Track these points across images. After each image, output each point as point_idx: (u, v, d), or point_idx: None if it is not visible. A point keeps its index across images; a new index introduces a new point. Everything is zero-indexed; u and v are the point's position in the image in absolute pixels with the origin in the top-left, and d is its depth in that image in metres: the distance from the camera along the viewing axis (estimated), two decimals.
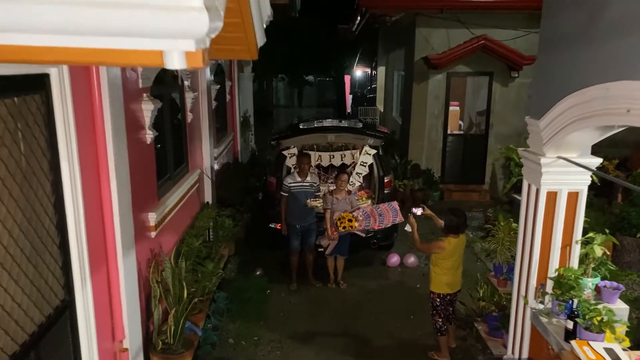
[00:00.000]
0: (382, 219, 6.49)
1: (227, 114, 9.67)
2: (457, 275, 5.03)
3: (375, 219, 6.49)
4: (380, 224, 6.47)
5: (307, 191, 6.54)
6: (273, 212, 7.13)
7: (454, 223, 4.86)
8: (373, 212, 6.54)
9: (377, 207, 6.57)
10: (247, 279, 6.71)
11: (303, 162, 6.42)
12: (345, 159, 7.37)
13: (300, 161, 6.45)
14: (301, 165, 6.45)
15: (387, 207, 6.57)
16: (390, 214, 6.51)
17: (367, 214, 6.56)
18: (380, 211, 6.54)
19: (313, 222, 6.66)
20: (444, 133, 10.82)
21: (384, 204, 6.57)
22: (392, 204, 6.57)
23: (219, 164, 8.38)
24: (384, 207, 6.57)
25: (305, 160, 6.42)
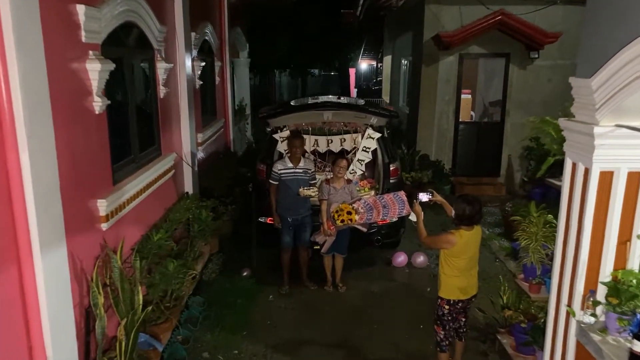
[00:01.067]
0: (387, 212, 5.58)
1: (217, 97, 8.79)
2: (471, 277, 4.12)
3: (379, 211, 5.59)
4: (385, 216, 5.57)
5: (300, 179, 5.66)
6: (262, 204, 6.25)
7: (466, 212, 3.95)
8: (376, 204, 5.64)
9: (380, 197, 5.67)
10: (231, 280, 5.83)
11: (295, 145, 5.52)
12: (345, 143, 6.46)
13: (291, 144, 5.54)
14: (293, 148, 5.55)
15: (393, 197, 5.66)
16: (396, 205, 5.60)
17: (370, 205, 5.66)
18: (384, 202, 5.64)
19: (307, 214, 5.78)
20: (456, 121, 9.89)
21: (388, 195, 5.67)
22: (398, 194, 5.66)
23: (204, 152, 7.51)
24: (388, 198, 5.66)
25: (298, 142, 5.52)
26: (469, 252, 4.02)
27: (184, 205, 5.59)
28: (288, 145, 5.60)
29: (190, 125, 6.28)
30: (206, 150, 7.67)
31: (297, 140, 5.56)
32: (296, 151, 5.55)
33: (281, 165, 5.61)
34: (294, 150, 5.55)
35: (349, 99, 5.26)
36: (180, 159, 6.05)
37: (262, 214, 6.23)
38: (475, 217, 3.98)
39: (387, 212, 5.59)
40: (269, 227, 6.16)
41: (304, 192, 5.46)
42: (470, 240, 4.01)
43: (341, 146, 6.46)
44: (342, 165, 5.57)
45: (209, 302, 5.27)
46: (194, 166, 6.41)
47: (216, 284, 5.65)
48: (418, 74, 10.08)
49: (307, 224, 5.81)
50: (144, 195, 4.69)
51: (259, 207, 6.33)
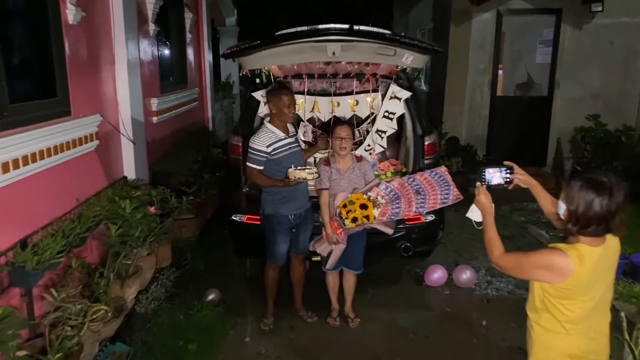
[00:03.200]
0: (423, 201, 3.59)
1: (188, 60, 6.79)
2: (598, 337, 2.13)
3: (410, 200, 3.60)
4: (420, 208, 3.57)
5: (297, 152, 3.73)
6: (237, 196, 4.28)
7: (595, 209, 1.93)
8: (405, 190, 3.66)
9: (410, 179, 3.69)
10: (186, 309, 3.84)
11: (284, 103, 3.53)
12: (359, 108, 4.44)
13: (278, 101, 3.54)
14: (281, 108, 3.57)
15: (430, 177, 3.68)
16: (436, 189, 3.62)
17: (395, 193, 3.69)
18: (417, 186, 3.66)
19: (308, 207, 3.80)
20: (492, 95, 7.89)
21: (422, 174, 3.70)
22: (437, 171, 3.69)
23: (165, 126, 5.51)
24: (423, 179, 3.69)
25: (287, 98, 3.53)
26: (596, 288, 2.03)
27: (114, 194, 3.60)
28: (273, 104, 3.58)
29: (133, 80, 4.29)
30: (168, 124, 5.68)
31: (286, 95, 3.56)
32: (284, 111, 3.55)
33: (267, 138, 3.61)
34: (285, 110, 3.56)
35: (367, 28, 3.20)
36: (114, 128, 4.06)
37: (236, 210, 4.25)
38: (612, 219, 1.97)
39: (423, 202, 3.59)
40: (247, 229, 4.19)
41: (296, 172, 3.45)
42: (600, 267, 2.02)
43: (353, 111, 4.46)
44: (342, 134, 3.59)
45: (142, 351, 3.28)
46: (139, 140, 4.43)
47: (160, 317, 3.66)
48: (444, 38, 8.07)
49: (308, 222, 3.83)
50: (21, 173, 2.71)
51: (232, 199, 4.35)
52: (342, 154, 3.68)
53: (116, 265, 3.32)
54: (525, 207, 6.71)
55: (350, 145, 3.69)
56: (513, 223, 6.22)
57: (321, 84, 4.49)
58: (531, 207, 6.72)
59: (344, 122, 3.67)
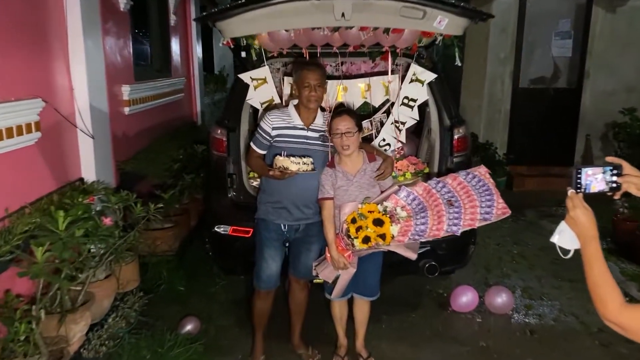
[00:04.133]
0: (458, 216, 2.76)
1: (173, 46, 5.97)
2: None
3: (440, 215, 2.77)
4: (454, 226, 2.74)
5: (313, 150, 2.89)
6: (221, 203, 3.47)
7: None
8: (433, 199, 2.83)
9: (440, 184, 2.87)
10: (155, 346, 3.01)
11: (300, 77, 2.78)
12: (372, 94, 3.61)
13: (296, 75, 2.83)
14: (297, 83, 2.82)
15: (467, 183, 2.86)
16: (475, 199, 2.78)
17: (420, 203, 2.86)
18: (450, 195, 2.83)
19: (316, 219, 2.96)
20: (514, 87, 7.08)
21: (456, 176, 2.87)
22: (476, 172, 2.87)
23: (142, 119, 4.70)
24: (458, 185, 2.86)
25: (313, 75, 2.75)
26: None
27: (59, 201, 2.79)
28: (294, 81, 2.80)
29: (93, 60, 3.48)
30: (145, 116, 4.86)
31: (307, 70, 2.76)
32: (310, 96, 2.76)
33: (277, 119, 2.85)
34: (302, 91, 2.77)
35: None
36: (64, 119, 3.24)
37: (219, 220, 3.43)
38: None
39: (457, 217, 2.76)
40: (233, 244, 3.39)
41: (279, 160, 2.64)
42: None
43: (364, 98, 3.63)
44: (342, 128, 2.77)
45: None
46: (102, 135, 3.61)
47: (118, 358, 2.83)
48: None
49: (314, 239, 2.99)
50: None
51: (215, 207, 3.54)
52: (345, 154, 2.85)
53: (53, 297, 2.49)
54: (557, 213, 5.89)
55: (356, 141, 2.85)
56: (545, 232, 5.39)
57: (325, 63, 3.67)
58: (563, 213, 5.91)
59: (343, 111, 2.85)
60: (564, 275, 4.25)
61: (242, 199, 3.44)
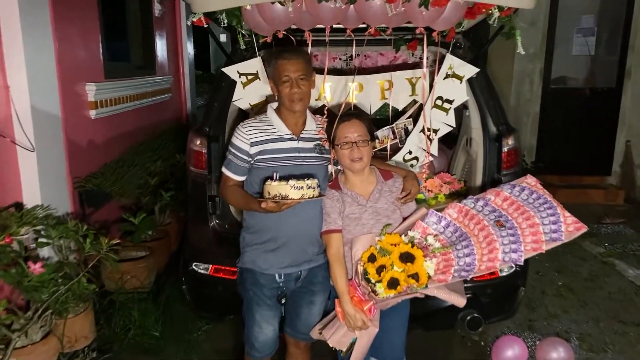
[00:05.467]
0: (516, 239, 1.96)
1: (158, 41, 5.21)
2: None
3: (490, 240, 1.98)
4: (514, 253, 1.94)
5: (306, 165, 2.11)
6: (199, 233, 2.70)
7: None
8: (474, 222, 2.05)
9: (480, 202, 2.08)
10: None
11: (276, 69, 2.04)
12: (394, 93, 2.82)
13: (272, 67, 2.07)
14: (274, 79, 2.07)
15: (515, 197, 2.10)
16: (532, 216, 1.99)
17: (457, 229, 2.08)
18: (497, 214, 2.05)
19: (320, 261, 2.17)
20: (544, 87, 6.28)
21: (500, 191, 2.09)
22: (524, 184, 2.12)
23: (110, 123, 3.93)
24: (504, 201, 2.10)
25: (282, 62, 2.02)
26: None
27: None
28: (270, 77, 2.06)
29: (34, 46, 2.71)
30: (120, 120, 4.10)
31: (284, 59, 2.02)
32: (292, 94, 2.02)
33: (254, 131, 2.09)
34: (281, 88, 2.02)
35: None
36: None
37: (198, 255, 2.66)
38: None
39: (515, 240, 1.97)
40: (214, 287, 2.63)
41: (273, 186, 1.84)
42: None
43: (384, 98, 2.84)
44: (351, 135, 2.05)
45: None
46: (51, 145, 2.84)
47: None
48: None
49: (319, 288, 2.20)
50: None
51: (193, 238, 2.77)
52: (356, 169, 2.08)
53: None
54: (600, 232, 5.10)
55: (370, 153, 2.09)
56: (589, 256, 4.60)
57: (334, 56, 2.90)
58: (609, 232, 5.12)
59: (350, 114, 2.09)
60: (626, 316, 3.46)
61: (228, 228, 2.68)
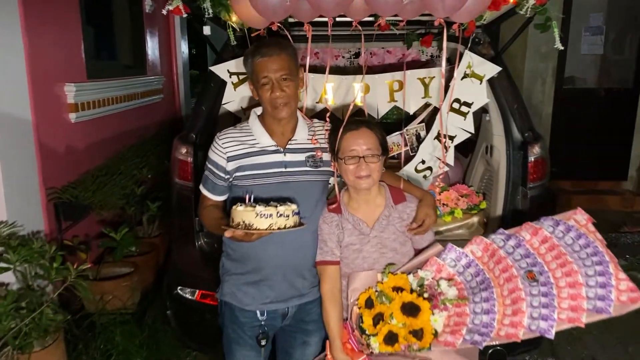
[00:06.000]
0: (549, 297, 1.64)
1: (147, 37, 4.90)
2: None
3: (516, 296, 1.66)
4: (544, 320, 1.61)
5: (295, 183, 1.78)
6: (185, 253, 2.39)
7: None
8: (501, 266, 1.73)
9: (511, 240, 1.77)
10: None
11: (254, 69, 1.74)
12: (408, 95, 2.51)
13: (249, 68, 1.75)
14: (253, 80, 1.77)
15: (555, 236, 1.78)
16: (573, 267, 1.67)
17: (479, 273, 1.77)
18: (528, 258, 1.73)
19: (314, 288, 1.85)
20: (557, 87, 5.97)
21: (538, 228, 1.78)
22: (570, 220, 1.78)
23: (93, 127, 3.62)
24: (540, 241, 1.78)
25: (260, 59, 1.71)
26: None
27: None
28: (250, 78, 1.75)
29: (3, 38, 2.41)
30: (105, 124, 3.79)
31: (269, 58, 1.70)
32: (274, 99, 1.71)
33: (232, 143, 1.77)
34: (262, 92, 1.71)
35: None
36: None
37: (183, 278, 2.36)
38: None
39: (548, 303, 1.65)
40: (201, 314, 2.32)
41: (239, 212, 1.52)
42: None
43: (393, 101, 2.53)
44: (359, 147, 1.73)
45: None
46: (19, 152, 2.54)
47: None
48: None
49: (314, 322, 1.87)
50: None
51: (179, 258, 2.47)
52: (362, 187, 1.76)
53: None
54: (619, 242, 4.79)
55: (379, 170, 1.77)
56: None
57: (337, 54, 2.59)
58: (628, 242, 4.81)
59: (359, 122, 1.77)
60: None
61: (217, 247, 2.36)
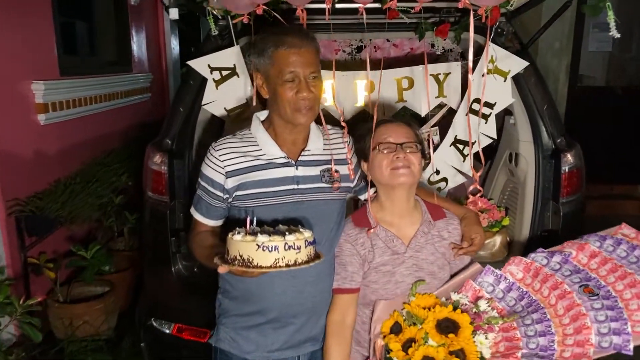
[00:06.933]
0: (614, 309, 1.35)
1: (132, 31, 4.56)
2: None
3: (577, 314, 1.36)
4: (617, 334, 1.31)
5: (313, 202, 1.43)
6: (159, 279, 2.06)
7: None
8: (549, 284, 1.42)
9: (556, 257, 1.47)
10: None
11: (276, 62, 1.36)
12: (415, 93, 2.15)
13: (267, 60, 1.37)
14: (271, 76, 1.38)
15: (605, 250, 1.52)
16: (637, 279, 1.37)
17: (523, 296, 1.46)
18: (579, 274, 1.45)
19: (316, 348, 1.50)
20: (571, 85, 5.66)
21: (584, 244, 1.49)
22: (618, 235, 1.50)
23: (67, 129, 3.27)
24: (589, 257, 1.50)
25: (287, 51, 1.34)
26: None
27: None
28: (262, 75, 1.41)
29: None
30: (82, 126, 3.45)
31: (301, 47, 1.35)
32: (300, 100, 1.36)
33: (231, 154, 1.41)
34: (285, 93, 1.35)
35: None
36: None
37: (157, 310, 2.02)
38: None
39: (617, 316, 1.35)
40: (177, 348, 1.98)
41: (242, 245, 1.14)
42: None
43: (402, 101, 2.19)
44: (397, 134, 1.44)
45: None
46: None
47: None
48: None
49: None
50: None
51: (152, 286, 2.13)
52: (400, 181, 1.42)
53: None
54: None
55: (420, 165, 1.44)
56: None
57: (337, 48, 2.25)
58: None
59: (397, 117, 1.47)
60: None
61: (197, 272, 2.03)
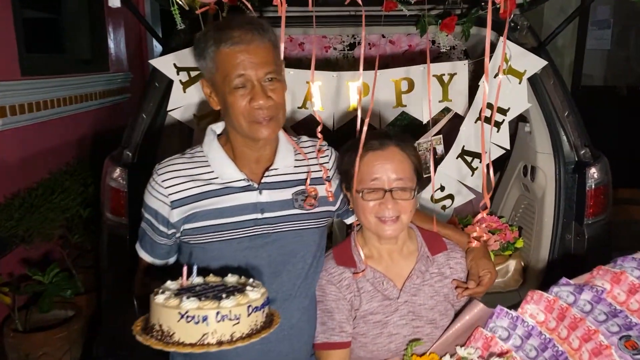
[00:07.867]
0: None
1: (109, 27, 4.25)
2: None
3: None
4: None
5: (274, 232, 1.18)
6: (120, 321, 1.76)
7: None
8: (581, 333, 1.15)
9: (586, 293, 1.21)
10: None
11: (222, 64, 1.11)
12: (414, 96, 1.87)
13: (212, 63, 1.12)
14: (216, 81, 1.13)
15: None
16: None
17: (546, 345, 1.18)
18: (616, 317, 1.18)
19: None
20: (575, 85, 5.45)
21: (619, 273, 1.22)
22: None
23: (30, 135, 2.96)
24: (627, 290, 1.22)
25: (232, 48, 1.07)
26: None
27: None
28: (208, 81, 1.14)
29: None
30: (49, 131, 3.14)
31: (250, 42, 1.08)
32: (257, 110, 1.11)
33: (185, 179, 1.14)
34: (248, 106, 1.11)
35: None
36: None
37: (115, 353, 1.72)
38: None
39: None
40: None
41: (155, 307, 0.93)
42: None
43: (401, 105, 1.91)
44: (385, 172, 1.17)
45: None
46: None
47: None
48: None
49: None
50: None
51: (109, 330, 1.83)
52: (387, 235, 1.18)
53: None
54: None
55: (411, 211, 1.18)
56: None
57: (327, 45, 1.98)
58: None
59: (383, 137, 1.20)
60: None
61: None
